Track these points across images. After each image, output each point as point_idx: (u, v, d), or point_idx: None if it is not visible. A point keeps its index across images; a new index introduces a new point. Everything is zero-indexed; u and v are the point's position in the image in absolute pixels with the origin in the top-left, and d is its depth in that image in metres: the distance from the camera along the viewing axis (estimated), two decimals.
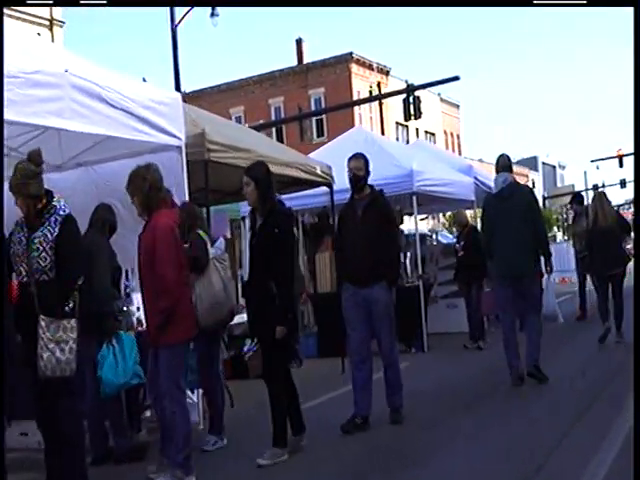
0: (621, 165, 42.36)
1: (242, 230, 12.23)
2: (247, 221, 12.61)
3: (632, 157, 44.82)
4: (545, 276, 8.34)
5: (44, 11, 26.54)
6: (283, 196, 10.51)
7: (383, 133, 33.30)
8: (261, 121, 36.85)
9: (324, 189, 9.89)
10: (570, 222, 16.04)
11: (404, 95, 27.83)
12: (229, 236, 9.24)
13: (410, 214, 11.03)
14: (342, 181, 11.05)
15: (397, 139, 45.75)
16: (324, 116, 43.79)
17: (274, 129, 43.36)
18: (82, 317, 4.69)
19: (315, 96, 47.43)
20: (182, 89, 51.49)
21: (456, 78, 24.33)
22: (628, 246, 11.85)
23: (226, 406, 6.62)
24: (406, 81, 31.79)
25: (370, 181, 11.25)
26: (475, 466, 5.32)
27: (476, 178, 13.23)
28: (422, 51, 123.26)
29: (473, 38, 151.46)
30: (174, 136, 6.57)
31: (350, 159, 6.76)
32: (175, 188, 6.06)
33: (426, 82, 26.54)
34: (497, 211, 7.84)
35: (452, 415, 6.89)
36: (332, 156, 11.88)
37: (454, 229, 18.28)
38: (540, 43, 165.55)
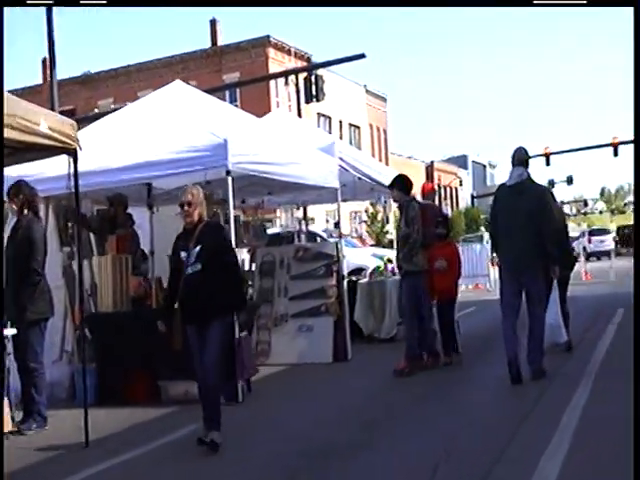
0: (548, 163, 40.37)
1: None
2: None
3: (559, 155, 43.02)
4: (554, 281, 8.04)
5: None
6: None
7: None
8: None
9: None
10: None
11: (314, 79, 25.48)
12: None
13: (225, 200, 7.71)
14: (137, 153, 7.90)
15: None
16: (238, 102, 40.85)
17: None
18: None
19: (229, 81, 44.14)
20: (85, 70, 48.48)
21: (362, 56, 22.09)
22: None
23: None
24: (308, 58, 29.04)
25: (176, 152, 8.10)
26: None
27: (342, 160, 10.02)
28: (349, 42, 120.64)
29: (405, 33, 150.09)
30: None
31: None
32: None
33: (330, 59, 24.00)
34: (508, 204, 7.76)
35: None
36: (140, 115, 8.72)
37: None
38: (475, 43, 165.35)
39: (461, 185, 64.78)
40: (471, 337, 11.15)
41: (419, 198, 9.76)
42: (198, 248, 5.83)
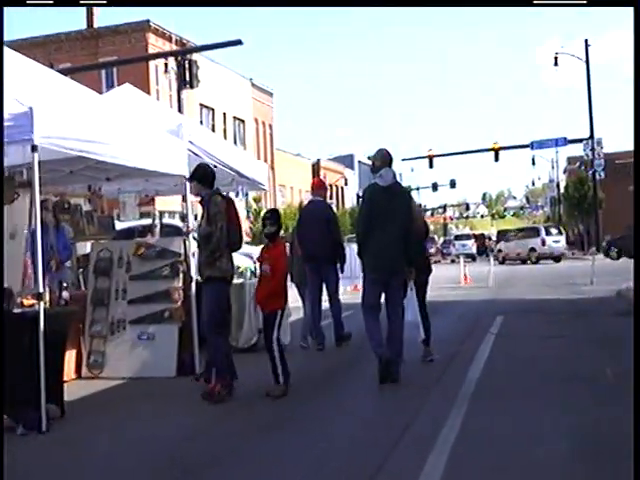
0: (431, 166, 40.34)
1: None
2: None
3: (442, 158, 43.23)
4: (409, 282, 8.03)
5: None
6: None
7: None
8: None
9: None
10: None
11: (188, 65, 24.22)
12: None
13: (26, 185, 6.26)
14: None
15: (201, 123, 40.95)
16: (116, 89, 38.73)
17: None
18: None
19: (106, 66, 41.85)
20: None
21: (238, 42, 21.21)
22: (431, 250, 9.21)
23: None
24: (181, 41, 27.78)
25: None
26: None
27: (193, 144, 8.66)
28: (235, 35, 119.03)
29: (296, 31, 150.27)
30: None
31: None
32: None
33: (207, 44, 22.77)
34: (383, 206, 7.65)
35: None
36: None
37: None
38: (362, 44, 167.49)
39: (346, 184, 64.53)
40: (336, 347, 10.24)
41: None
42: None
